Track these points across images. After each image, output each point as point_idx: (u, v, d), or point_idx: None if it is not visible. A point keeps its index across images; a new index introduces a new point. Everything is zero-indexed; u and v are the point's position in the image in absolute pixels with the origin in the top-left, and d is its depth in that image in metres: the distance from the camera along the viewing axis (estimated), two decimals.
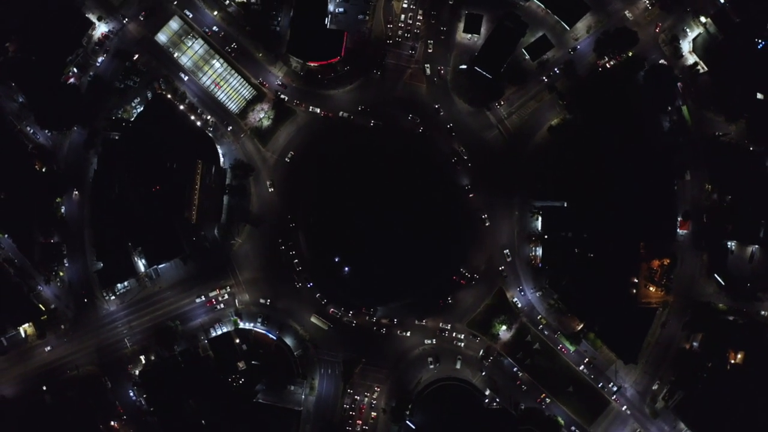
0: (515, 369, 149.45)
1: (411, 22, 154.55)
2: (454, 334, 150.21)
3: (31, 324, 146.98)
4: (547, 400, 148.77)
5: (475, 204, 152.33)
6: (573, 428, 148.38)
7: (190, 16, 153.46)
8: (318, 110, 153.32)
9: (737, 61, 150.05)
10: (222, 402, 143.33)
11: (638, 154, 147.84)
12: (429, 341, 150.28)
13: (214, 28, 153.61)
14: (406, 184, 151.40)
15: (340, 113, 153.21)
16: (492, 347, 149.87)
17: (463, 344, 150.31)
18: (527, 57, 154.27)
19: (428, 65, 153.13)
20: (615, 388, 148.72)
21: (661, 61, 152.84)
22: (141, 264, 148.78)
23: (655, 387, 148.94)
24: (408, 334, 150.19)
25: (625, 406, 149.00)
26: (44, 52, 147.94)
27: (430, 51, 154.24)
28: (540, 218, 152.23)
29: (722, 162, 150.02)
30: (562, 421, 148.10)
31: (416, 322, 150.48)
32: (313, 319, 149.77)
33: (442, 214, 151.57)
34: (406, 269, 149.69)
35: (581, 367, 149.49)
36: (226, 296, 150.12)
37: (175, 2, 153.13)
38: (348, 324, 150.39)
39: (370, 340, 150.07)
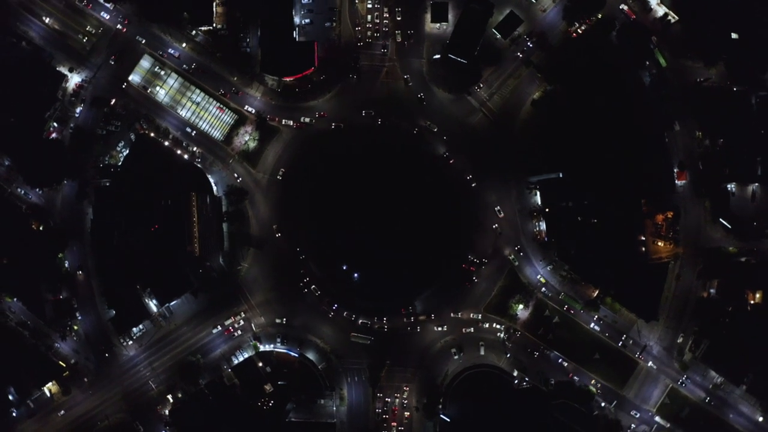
0: (540, 347, 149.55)
1: (378, 21, 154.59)
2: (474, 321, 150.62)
3: (54, 382, 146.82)
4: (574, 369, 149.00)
5: (472, 188, 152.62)
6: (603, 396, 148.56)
7: (160, 52, 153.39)
8: (308, 119, 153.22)
9: (706, 5, 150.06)
10: (255, 427, 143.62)
11: (624, 113, 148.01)
12: (440, 328, 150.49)
13: (185, 62, 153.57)
14: (400, 180, 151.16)
15: (332, 125, 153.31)
16: (512, 328, 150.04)
17: (484, 328, 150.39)
18: (498, 36, 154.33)
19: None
20: (640, 348, 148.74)
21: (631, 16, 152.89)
22: (152, 304, 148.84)
23: (679, 340, 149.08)
24: (433, 327, 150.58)
25: (653, 364, 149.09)
26: (22, 111, 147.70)
27: (404, 45, 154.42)
28: (538, 193, 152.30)
29: (708, 107, 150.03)
30: (594, 389, 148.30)
31: (452, 314, 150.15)
32: (353, 339, 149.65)
33: (440, 205, 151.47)
34: (415, 266, 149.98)
35: (607, 334, 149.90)
36: (242, 322, 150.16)
37: (143, 41, 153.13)
38: (381, 331, 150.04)
39: (390, 342, 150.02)
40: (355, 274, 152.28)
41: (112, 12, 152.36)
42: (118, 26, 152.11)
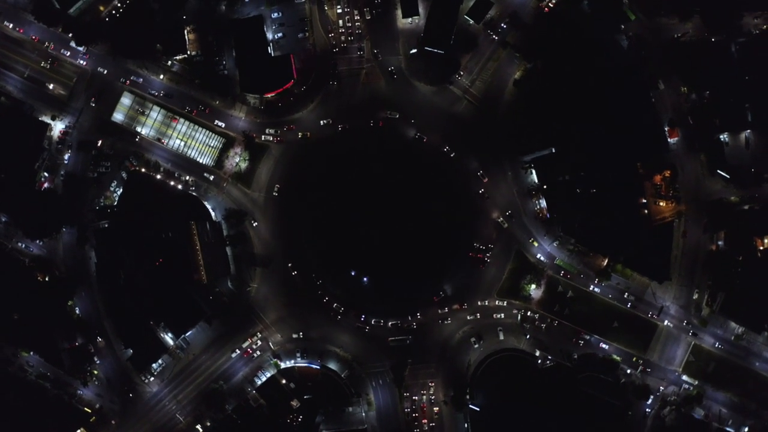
0: (556, 322, 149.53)
1: (350, 24, 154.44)
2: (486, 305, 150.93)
3: (82, 429, 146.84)
4: (587, 337, 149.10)
5: (471, 177, 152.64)
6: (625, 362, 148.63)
7: (140, 81, 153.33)
8: (300, 134, 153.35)
9: None
10: None
11: (606, 80, 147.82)
12: (471, 316, 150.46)
13: (164, 92, 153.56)
14: (396, 179, 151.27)
15: (339, 127, 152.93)
16: (528, 309, 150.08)
17: (500, 315, 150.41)
18: (471, 22, 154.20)
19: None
20: (658, 310, 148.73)
21: None
22: (168, 338, 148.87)
23: (695, 296, 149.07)
24: (448, 321, 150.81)
25: (672, 324, 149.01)
26: (10, 166, 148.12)
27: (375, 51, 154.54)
28: (534, 171, 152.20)
29: (690, 61, 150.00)
30: (618, 358, 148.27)
31: (479, 302, 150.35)
32: (392, 344, 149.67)
33: (439, 197, 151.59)
34: (422, 261, 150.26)
35: (627, 302, 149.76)
36: (260, 342, 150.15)
37: (121, 79, 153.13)
38: (413, 327, 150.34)
39: (411, 339, 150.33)
40: (364, 279, 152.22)
41: (86, 55, 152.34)
42: (96, 68, 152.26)
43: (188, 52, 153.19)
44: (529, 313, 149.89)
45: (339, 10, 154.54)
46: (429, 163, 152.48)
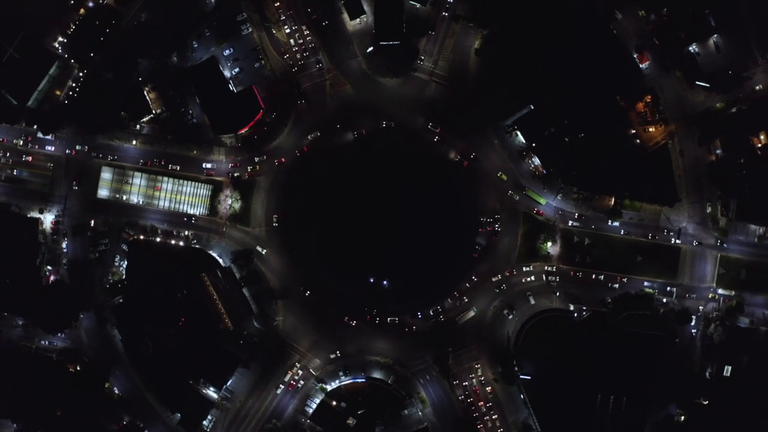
0: (581, 273, 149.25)
1: (301, 41, 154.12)
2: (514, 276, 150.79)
3: None
4: (624, 281, 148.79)
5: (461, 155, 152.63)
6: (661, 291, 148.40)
7: (115, 157, 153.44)
8: (276, 161, 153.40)
9: None
10: None
11: (563, 25, 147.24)
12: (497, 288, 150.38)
13: (142, 158, 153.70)
14: (387, 177, 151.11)
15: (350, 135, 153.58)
16: (550, 267, 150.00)
17: (525, 280, 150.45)
18: (419, 5, 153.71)
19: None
20: (676, 233, 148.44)
21: None
22: (212, 392, 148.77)
23: (708, 210, 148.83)
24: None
25: (694, 243, 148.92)
26: (12, 269, 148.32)
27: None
28: (519, 133, 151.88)
29: None
30: (651, 290, 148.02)
31: (500, 275, 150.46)
32: (461, 322, 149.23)
33: (434, 185, 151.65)
34: (436, 249, 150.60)
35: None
36: (300, 372, 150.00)
37: (93, 155, 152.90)
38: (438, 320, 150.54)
39: (443, 329, 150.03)
40: (384, 282, 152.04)
41: (55, 141, 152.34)
42: (67, 151, 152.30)
43: (153, 112, 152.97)
44: (553, 270, 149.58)
45: (287, 30, 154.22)
46: (415, 153, 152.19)
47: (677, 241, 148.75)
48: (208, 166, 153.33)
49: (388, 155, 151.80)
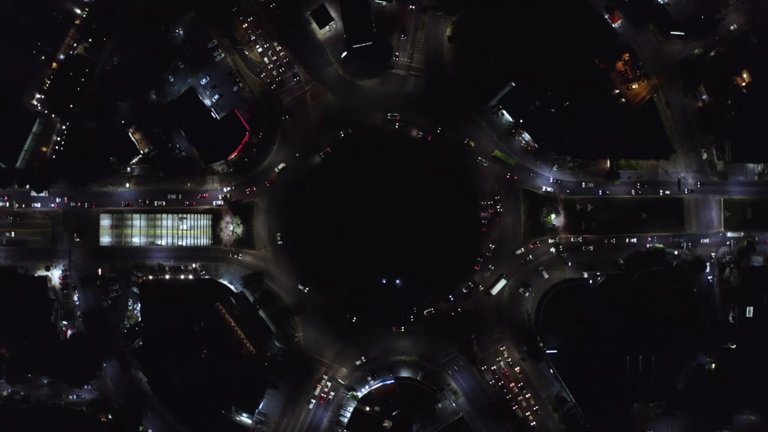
0: (589, 239, 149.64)
1: (275, 57, 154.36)
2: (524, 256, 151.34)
3: None
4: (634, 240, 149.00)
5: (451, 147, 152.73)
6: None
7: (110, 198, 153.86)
8: (266, 182, 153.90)
9: None
10: None
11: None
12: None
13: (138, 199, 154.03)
14: (383, 177, 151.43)
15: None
16: (558, 238, 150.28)
17: (535, 256, 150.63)
18: (384, 3, 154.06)
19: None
20: (676, 184, 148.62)
21: None
22: (245, 418, 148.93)
23: (704, 156, 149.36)
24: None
25: (695, 191, 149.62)
26: (27, 331, 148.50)
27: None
28: (504, 111, 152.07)
29: None
30: (661, 245, 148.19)
31: (531, 245, 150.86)
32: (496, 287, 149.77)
33: (429, 177, 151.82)
34: (440, 238, 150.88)
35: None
36: (329, 383, 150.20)
37: (87, 205, 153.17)
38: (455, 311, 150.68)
39: (463, 318, 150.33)
40: (396, 281, 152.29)
41: (49, 198, 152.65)
42: (64, 205, 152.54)
43: (141, 152, 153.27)
44: (561, 241, 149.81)
45: (259, 49, 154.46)
46: (407, 149, 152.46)
47: (678, 192, 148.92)
48: (205, 196, 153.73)
49: (377, 156, 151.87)
